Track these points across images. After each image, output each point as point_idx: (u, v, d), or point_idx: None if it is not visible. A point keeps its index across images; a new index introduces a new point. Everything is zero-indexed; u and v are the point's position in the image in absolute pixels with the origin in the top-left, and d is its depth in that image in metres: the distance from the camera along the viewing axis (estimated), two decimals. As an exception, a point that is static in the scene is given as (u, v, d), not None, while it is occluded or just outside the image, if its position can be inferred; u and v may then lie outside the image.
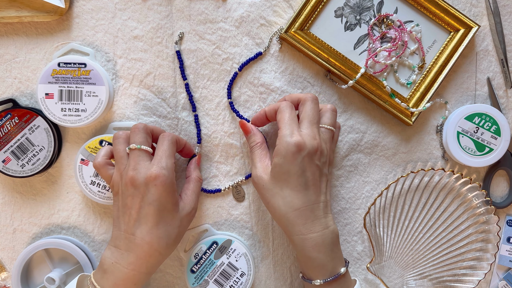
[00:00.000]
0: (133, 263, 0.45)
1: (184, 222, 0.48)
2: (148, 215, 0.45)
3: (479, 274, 0.56)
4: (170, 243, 0.46)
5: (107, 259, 0.46)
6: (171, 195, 0.46)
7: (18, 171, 0.53)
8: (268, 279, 0.57)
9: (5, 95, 0.55)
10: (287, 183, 0.46)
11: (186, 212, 0.48)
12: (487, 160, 0.56)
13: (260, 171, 0.49)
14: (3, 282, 0.57)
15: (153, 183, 0.44)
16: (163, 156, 0.46)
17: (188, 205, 0.49)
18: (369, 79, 0.55)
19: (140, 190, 0.45)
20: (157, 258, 0.46)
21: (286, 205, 0.46)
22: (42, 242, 0.54)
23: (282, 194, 0.47)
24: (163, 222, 0.45)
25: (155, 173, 0.44)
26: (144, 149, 0.46)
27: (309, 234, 0.46)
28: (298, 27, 0.54)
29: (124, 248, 0.45)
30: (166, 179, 0.45)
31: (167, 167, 0.45)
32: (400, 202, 0.57)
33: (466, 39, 0.55)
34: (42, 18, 0.53)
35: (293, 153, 0.45)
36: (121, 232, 0.46)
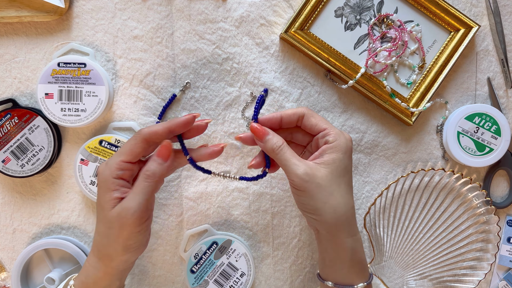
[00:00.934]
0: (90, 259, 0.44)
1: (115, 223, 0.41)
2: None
3: (479, 274, 0.56)
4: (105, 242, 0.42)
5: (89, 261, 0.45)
6: (103, 191, 0.41)
7: (18, 171, 0.53)
8: (268, 279, 0.57)
9: (5, 95, 0.55)
10: (345, 179, 0.44)
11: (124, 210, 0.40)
12: (487, 160, 0.55)
13: (308, 169, 0.43)
14: (3, 282, 0.57)
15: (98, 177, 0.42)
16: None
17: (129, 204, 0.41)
18: (369, 79, 0.55)
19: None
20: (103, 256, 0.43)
21: (347, 204, 0.44)
22: (42, 242, 0.54)
23: (341, 192, 0.44)
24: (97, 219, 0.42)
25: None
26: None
27: (357, 234, 0.45)
28: (298, 27, 0.54)
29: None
30: (101, 174, 0.41)
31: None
32: (400, 202, 0.57)
33: (466, 39, 0.55)
34: (42, 18, 0.53)
35: (351, 149, 0.45)
36: None
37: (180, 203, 0.56)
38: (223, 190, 0.56)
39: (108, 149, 0.53)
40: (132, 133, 0.55)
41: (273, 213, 0.57)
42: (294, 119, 0.46)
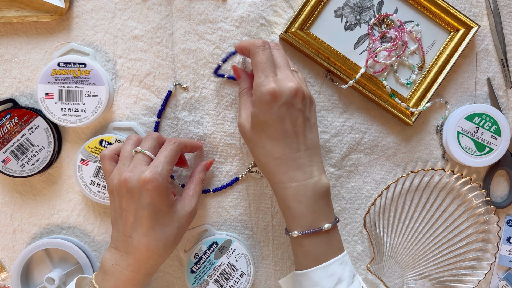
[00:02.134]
0: (132, 265, 0.45)
1: (183, 222, 0.47)
2: (143, 219, 0.44)
3: (479, 274, 0.56)
4: (168, 244, 0.46)
5: (107, 261, 0.46)
6: (164, 198, 0.45)
7: (18, 171, 0.53)
8: (268, 279, 0.57)
9: (5, 95, 0.55)
10: (265, 133, 0.45)
11: (186, 212, 0.47)
12: (487, 160, 0.56)
13: (243, 118, 0.48)
14: (3, 282, 0.57)
15: (145, 187, 0.44)
16: (161, 161, 0.46)
17: (188, 205, 0.48)
18: (369, 79, 0.55)
19: (134, 193, 0.44)
20: (155, 259, 0.46)
21: (267, 155, 0.45)
22: (42, 242, 0.54)
23: (262, 144, 0.46)
24: (159, 224, 0.45)
25: (148, 178, 0.44)
26: (148, 154, 0.46)
27: (289, 183, 0.45)
28: (298, 27, 0.54)
29: (123, 250, 0.45)
30: (159, 184, 0.44)
31: (162, 173, 0.45)
32: (400, 202, 0.57)
33: (466, 39, 0.55)
34: (42, 18, 0.53)
35: (268, 103, 0.44)
36: (119, 234, 0.46)
37: (180, 203, 0.56)
38: (223, 190, 0.56)
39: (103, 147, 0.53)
40: (132, 132, 0.55)
41: (273, 213, 0.57)
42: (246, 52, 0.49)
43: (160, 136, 0.49)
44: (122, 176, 0.45)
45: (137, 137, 0.49)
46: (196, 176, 0.51)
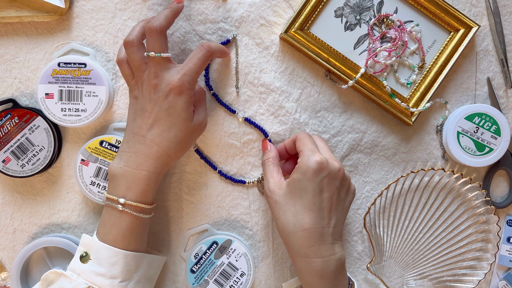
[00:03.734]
0: (142, 164, 0.46)
1: (196, 132, 0.49)
2: (161, 119, 0.46)
3: (479, 274, 0.56)
4: (178, 147, 0.47)
5: (115, 166, 0.46)
6: (187, 105, 0.46)
7: (18, 171, 0.53)
8: (268, 279, 0.57)
9: (5, 95, 0.55)
10: (301, 200, 0.46)
11: (199, 121, 0.49)
12: (487, 160, 0.56)
13: (272, 185, 0.48)
14: (3, 282, 0.57)
15: (172, 92, 0.45)
16: (191, 69, 0.46)
17: (201, 115, 0.49)
18: (369, 79, 0.55)
19: (159, 96, 0.45)
20: (165, 159, 0.47)
21: (296, 224, 0.45)
22: (41, 240, 0.54)
23: (294, 211, 0.46)
24: (175, 128, 0.46)
25: (178, 84, 0.45)
26: (165, 56, 0.46)
27: (314, 257, 0.45)
28: (298, 27, 0.54)
29: (133, 150, 0.46)
30: (186, 91, 0.45)
31: (190, 81, 0.46)
32: (400, 202, 0.57)
33: (466, 39, 0.55)
34: (42, 18, 0.53)
35: (314, 171, 0.45)
36: (133, 135, 0.47)
37: (180, 203, 0.56)
38: (223, 190, 0.56)
39: (108, 150, 0.53)
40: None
41: (273, 213, 0.57)
42: (292, 144, 0.52)
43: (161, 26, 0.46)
44: (151, 83, 0.46)
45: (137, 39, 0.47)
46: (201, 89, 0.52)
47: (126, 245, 0.46)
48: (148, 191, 0.47)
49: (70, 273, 0.45)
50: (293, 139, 0.52)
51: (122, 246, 0.46)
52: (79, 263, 0.46)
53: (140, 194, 0.46)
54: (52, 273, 0.46)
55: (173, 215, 0.56)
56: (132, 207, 0.46)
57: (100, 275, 0.45)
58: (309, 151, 0.47)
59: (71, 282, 0.45)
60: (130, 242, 0.47)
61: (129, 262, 0.46)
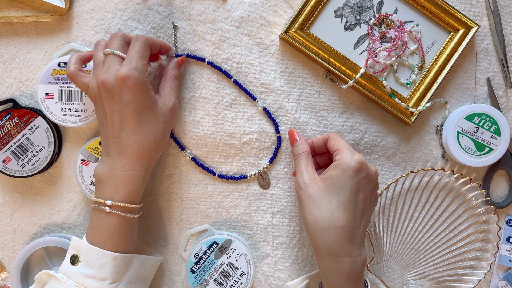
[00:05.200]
0: (127, 164, 0.45)
1: (168, 117, 0.48)
2: (128, 116, 0.45)
3: (479, 274, 0.57)
4: (158, 138, 0.46)
5: (100, 170, 0.46)
6: (146, 93, 0.45)
7: (18, 171, 0.53)
8: (268, 278, 0.57)
9: (5, 95, 0.55)
10: (338, 197, 0.45)
11: (168, 107, 0.48)
12: (487, 160, 0.56)
13: (307, 178, 0.48)
14: (3, 282, 0.57)
15: (124, 84, 0.44)
16: (134, 57, 0.45)
17: (169, 100, 0.48)
18: (369, 79, 0.55)
19: (114, 93, 0.44)
20: (149, 154, 0.46)
21: (331, 220, 0.45)
22: (41, 240, 0.54)
23: (330, 207, 0.45)
24: (145, 120, 0.45)
25: (125, 74, 0.44)
26: (118, 54, 0.46)
27: (343, 257, 0.45)
28: (298, 27, 0.54)
29: (115, 153, 0.45)
30: (137, 78, 0.44)
31: (137, 67, 0.45)
32: (400, 202, 0.57)
33: (466, 39, 0.55)
34: (42, 18, 0.53)
35: (355, 170, 0.46)
36: (108, 138, 0.46)
37: (180, 203, 0.56)
38: (223, 190, 0.56)
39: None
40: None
41: (273, 213, 0.57)
42: (322, 143, 0.51)
43: (125, 34, 0.48)
44: (99, 79, 0.45)
45: (105, 41, 0.49)
46: (169, 73, 0.51)
47: (115, 246, 0.46)
48: (136, 191, 0.47)
49: (61, 276, 0.45)
50: (323, 138, 0.51)
51: (111, 247, 0.46)
52: (69, 265, 0.46)
53: (128, 195, 0.46)
54: (44, 274, 0.46)
55: (173, 215, 0.56)
56: (120, 208, 0.46)
57: (90, 277, 0.45)
58: (348, 150, 0.47)
59: (61, 284, 0.45)
60: (119, 243, 0.46)
61: (119, 263, 0.46)
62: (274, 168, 0.57)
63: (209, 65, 0.55)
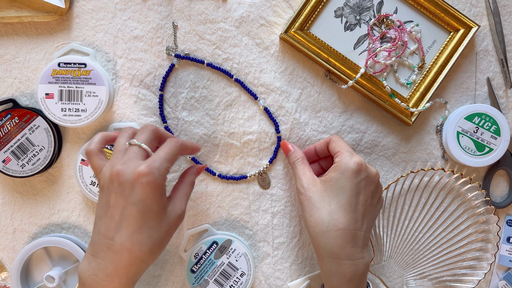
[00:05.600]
0: (112, 275, 0.40)
1: (172, 226, 0.43)
2: (131, 217, 0.40)
3: (479, 274, 0.57)
4: (154, 249, 0.41)
5: (84, 271, 0.41)
6: (158, 197, 0.41)
7: (18, 171, 0.53)
8: (268, 279, 0.57)
9: (5, 95, 0.55)
10: (338, 199, 0.45)
11: (176, 214, 0.43)
12: (487, 160, 0.56)
13: (306, 182, 0.48)
14: (3, 282, 0.57)
15: (139, 181, 0.39)
16: (161, 157, 0.42)
17: (178, 207, 0.44)
18: (369, 79, 0.55)
19: (125, 187, 0.40)
20: (138, 266, 0.41)
21: (331, 222, 0.45)
22: (41, 240, 0.54)
23: (329, 209, 0.45)
24: (147, 226, 0.40)
25: (145, 171, 0.39)
26: (144, 147, 0.42)
27: (345, 259, 0.45)
28: (298, 27, 0.54)
29: (101, 256, 0.40)
30: (155, 179, 0.40)
31: (159, 169, 0.40)
32: (400, 202, 0.57)
33: (466, 39, 0.55)
34: (42, 18, 0.53)
35: (354, 171, 0.45)
36: (100, 236, 0.41)
37: (180, 203, 0.56)
38: (223, 190, 0.56)
39: (109, 150, 0.53)
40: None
41: (273, 213, 0.57)
42: (324, 146, 0.52)
43: (158, 129, 0.45)
44: (115, 169, 0.40)
45: (133, 130, 0.45)
46: (187, 178, 0.48)
47: None
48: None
49: None
50: (326, 141, 0.51)
51: None
52: None
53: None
54: None
55: (173, 215, 0.56)
56: None
57: None
58: (348, 152, 0.47)
59: None
60: None
61: None
62: (274, 168, 0.57)
63: (207, 67, 0.55)
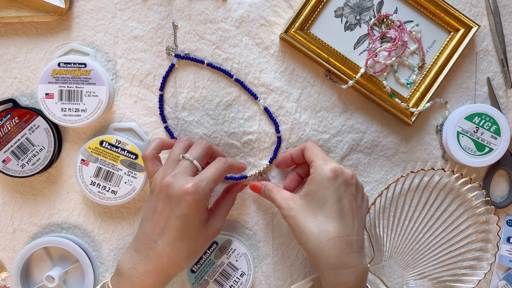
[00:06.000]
0: (150, 272, 0.44)
1: (208, 239, 0.47)
2: (173, 227, 0.44)
3: (479, 274, 0.57)
4: (190, 257, 0.45)
5: (125, 263, 0.45)
6: (200, 213, 0.44)
7: (18, 171, 0.53)
8: (268, 279, 0.57)
9: (5, 95, 0.55)
10: (322, 210, 0.45)
11: (213, 229, 0.47)
12: (487, 160, 0.56)
13: (286, 204, 0.47)
14: (3, 282, 0.57)
15: (184, 198, 0.43)
16: (208, 177, 0.45)
17: (218, 223, 0.47)
18: (369, 79, 0.55)
19: (172, 199, 0.44)
20: (174, 269, 0.45)
21: (320, 234, 0.44)
22: (41, 240, 0.54)
23: (316, 222, 0.45)
24: (187, 236, 0.44)
25: (191, 190, 0.43)
26: (195, 164, 0.46)
27: (342, 269, 0.44)
28: (298, 27, 0.54)
29: (143, 254, 0.44)
30: (199, 199, 0.43)
31: (205, 189, 0.44)
32: (400, 202, 0.57)
33: (466, 39, 0.55)
34: (42, 18, 0.53)
35: (330, 179, 0.45)
36: (144, 236, 0.45)
37: (180, 203, 0.56)
38: (223, 190, 0.56)
39: (108, 150, 0.53)
40: (132, 134, 0.55)
41: (273, 213, 0.57)
42: (299, 153, 0.51)
43: (211, 147, 0.48)
44: (165, 180, 0.44)
45: (189, 142, 0.48)
46: (229, 196, 0.51)
47: None
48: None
49: None
50: (300, 148, 0.51)
51: None
52: None
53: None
54: None
55: (173, 215, 0.56)
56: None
57: None
58: (321, 160, 0.47)
59: None
60: None
61: None
62: (274, 168, 0.57)
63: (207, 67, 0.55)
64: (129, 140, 0.53)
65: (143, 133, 0.55)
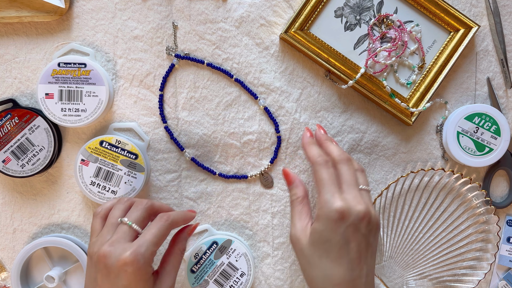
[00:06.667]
0: None
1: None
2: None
3: (479, 274, 0.57)
4: None
5: None
6: (143, 282, 0.41)
7: (18, 171, 0.53)
8: (268, 279, 0.57)
9: (5, 95, 0.55)
10: (327, 253, 0.42)
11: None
12: (487, 160, 0.56)
13: (298, 231, 0.45)
14: (3, 282, 0.57)
15: (123, 269, 0.40)
16: (148, 240, 0.41)
17: (167, 283, 0.44)
18: (369, 79, 0.55)
19: (111, 271, 0.40)
20: None
21: (325, 278, 0.42)
22: (41, 240, 0.54)
23: (321, 266, 0.42)
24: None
25: (129, 259, 0.39)
26: (134, 228, 0.42)
27: None
28: (298, 27, 0.54)
29: None
30: (140, 267, 0.40)
31: (144, 255, 0.40)
32: (400, 202, 0.57)
33: (466, 39, 0.55)
34: (42, 18, 0.53)
35: (336, 221, 0.42)
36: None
37: (180, 203, 0.56)
38: (223, 190, 0.56)
39: (108, 150, 0.53)
40: (132, 134, 0.55)
41: (273, 213, 0.57)
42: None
43: (152, 205, 0.45)
44: (102, 250, 0.41)
45: (128, 202, 0.45)
46: (176, 248, 0.47)
47: None
48: None
49: None
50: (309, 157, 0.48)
51: None
52: None
53: None
54: None
55: (173, 215, 0.56)
56: None
57: None
58: (328, 193, 0.43)
59: None
60: None
61: None
62: (274, 168, 0.57)
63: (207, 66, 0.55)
64: (129, 140, 0.53)
65: (143, 133, 0.55)
